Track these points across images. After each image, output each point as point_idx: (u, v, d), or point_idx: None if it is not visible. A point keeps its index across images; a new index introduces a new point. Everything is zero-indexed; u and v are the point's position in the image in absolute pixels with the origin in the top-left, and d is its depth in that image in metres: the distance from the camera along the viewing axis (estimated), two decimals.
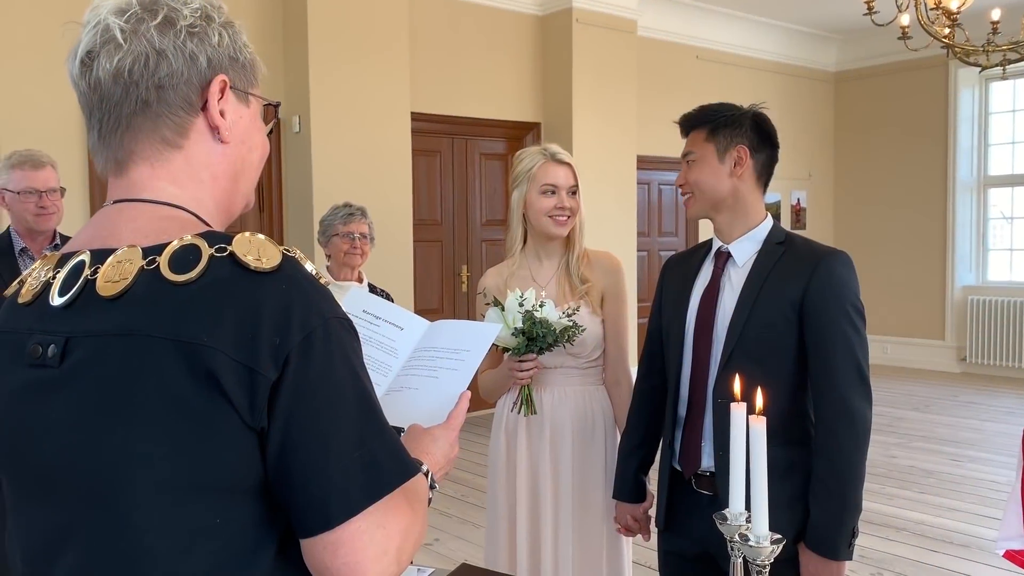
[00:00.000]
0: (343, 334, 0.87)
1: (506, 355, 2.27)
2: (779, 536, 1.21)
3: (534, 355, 2.21)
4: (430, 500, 1.04)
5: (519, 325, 2.16)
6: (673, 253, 8.03)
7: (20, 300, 0.91)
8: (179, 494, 0.81)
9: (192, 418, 0.79)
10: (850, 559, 1.81)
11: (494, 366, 2.38)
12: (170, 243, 0.85)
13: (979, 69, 4.61)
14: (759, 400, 1.24)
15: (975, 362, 8.39)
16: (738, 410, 1.29)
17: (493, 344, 2.26)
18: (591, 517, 2.32)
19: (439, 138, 6.52)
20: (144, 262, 0.84)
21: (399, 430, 2.43)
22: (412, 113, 5.91)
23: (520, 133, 6.95)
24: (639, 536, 2.26)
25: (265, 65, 1.03)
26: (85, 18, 0.91)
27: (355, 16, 5.51)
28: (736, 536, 1.25)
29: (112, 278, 0.84)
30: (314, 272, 0.89)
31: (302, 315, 0.83)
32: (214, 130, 0.94)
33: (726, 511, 1.30)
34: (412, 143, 5.91)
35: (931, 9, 4.32)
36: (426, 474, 1.05)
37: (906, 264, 8.84)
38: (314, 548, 0.84)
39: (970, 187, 8.64)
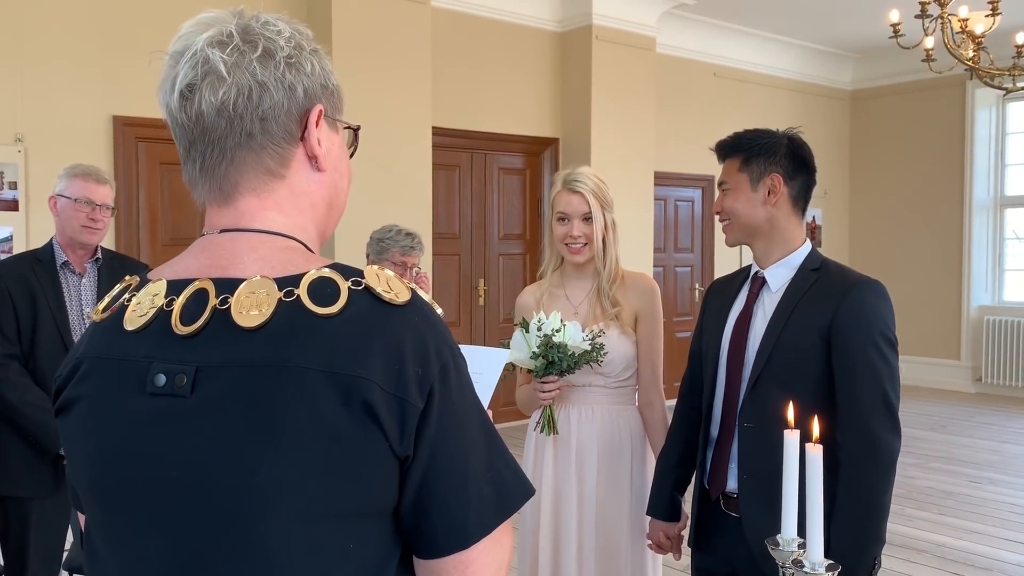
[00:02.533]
0: (462, 362, 0.91)
1: (531, 375, 2.30)
2: (833, 563, 1.21)
3: (555, 377, 2.23)
4: None
5: (536, 348, 2.20)
6: (695, 275, 8.06)
7: (128, 326, 0.90)
8: (320, 521, 0.82)
9: (344, 447, 0.81)
10: None
11: (528, 382, 2.41)
12: (304, 274, 0.86)
13: (1004, 93, 4.61)
14: (815, 428, 1.25)
15: (991, 382, 8.35)
16: (792, 437, 1.30)
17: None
18: (615, 536, 2.32)
19: (459, 152, 6.56)
20: (281, 293, 0.85)
21: None
22: (433, 127, 5.94)
23: (539, 148, 6.98)
24: (670, 555, 2.26)
25: None
26: (175, 48, 0.91)
27: (378, 31, 5.55)
28: (789, 562, 1.25)
29: (249, 308, 0.84)
30: (430, 303, 0.92)
31: (436, 347, 0.86)
32: (312, 159, 0.95)
33: (778, 536, 1.30)
34: (432, 157, 5.95)
35: (956, 33, 4.34)
36: None
37: (922, 283, 8.81)
38: (442, 568, 0.87)
39: (986, 207, 8.62)
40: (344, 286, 0.85)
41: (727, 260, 7.72)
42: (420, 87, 5.81)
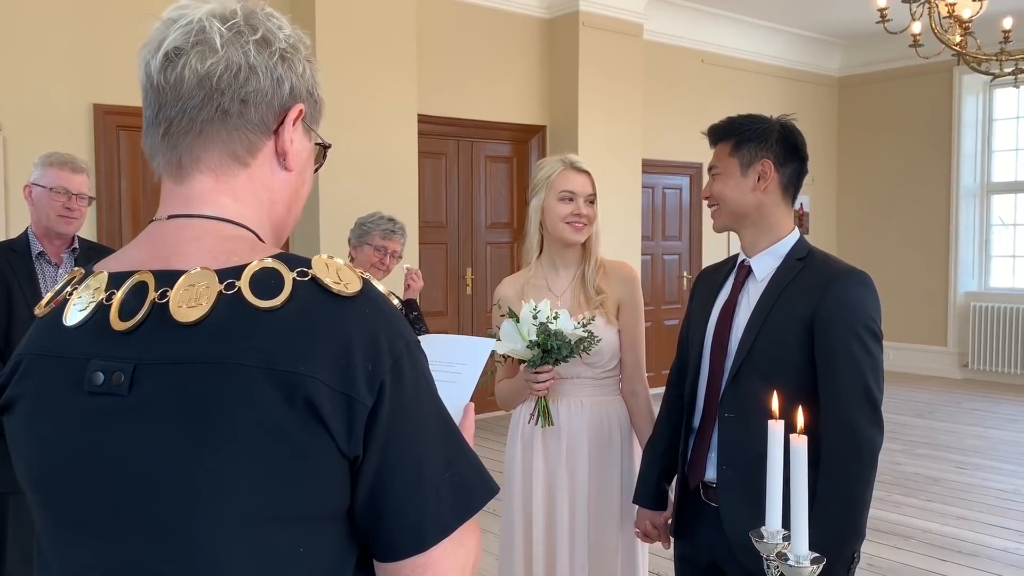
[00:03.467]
0: (420, 356, 0.87)
1: (522, 367, 2.27)
2: (819, 555, 1.20)
3: (550, 367, 2.20)
4: None
5: (533, 337, 2.16)
6: (683, 263, 8.05)
7: (68, 322, 0.86)
8: (265, 524, 0.79)
9: (288, 448, 0.78)
10: None
11: (511, 376, 2.38)
12: (246, 265, 0.82)
13: (991, 78, 4.60)
14: (800, 419, 1.23)
15: (977, 368, 8.39)
16: (776, 427, 1.28)
17: (509, 356, 2.26)
18: (607, 527, 2.31)
19: (445, 140, 6.51)
20: (222, 286, 0.81)
21: None
22: (419, 115, 5.90)
23: (526, 136, 6.94)
24: (658, 544, 2.25)
25: None
26: (170, 15, 0.89)
27: (362, 18, 5.50)
28: (773, 555, 1.24)
29: (187, 302, 0.81)
30: (386, 293, 0.88)
31: (388, 340, 0.83)
32: (281, 155, 0.92)
33: (762, 528, 1.28)
34: (419, 145, 5.90)
35: (944, 17, 4.32)
36: None
37: (909, 270, 8.84)
38: (401, 571, 0.84)
39: (973, 193, 8.64)
40: (289, 277, 0.82)
41: (715, 248, 7.71)
42: (406, 74, 5.76)
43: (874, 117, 9.15)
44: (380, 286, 0.88)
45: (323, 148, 1.01)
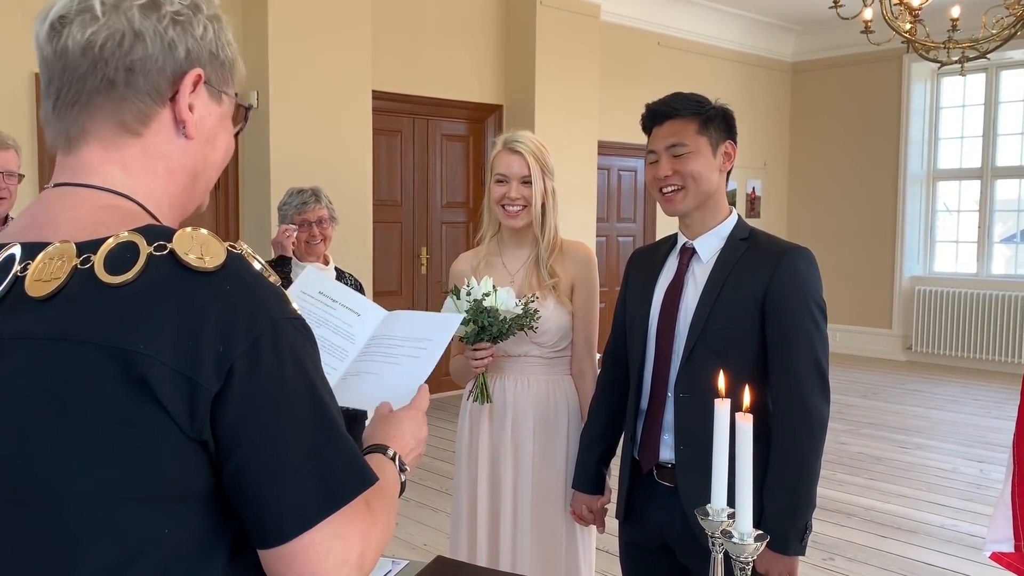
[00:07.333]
0: (294, 335, 0.82)
1: (462, 343, 2.26)
2: (762, 532, 1.21)
3: (487, 344, 2.19)
4: (403, 485, 1.03)
5: (465, 314, 2.14)
6: (638, 245, 8.09)
7: None
8: (120, 504, 0.77)
9: (129, 429, 0.75)
10: (802, 554, 1.83)
11: (463, 351, 2.37)
12: (107, 239, 0.80)
13: (938, 65, 4.69)
14: (746, 397, 1.24)
15: (920, 351, 8.61)
16: (722, 406, 1.29)
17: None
18: (551, 506, 2.31)
19: (400, 118, 6.44)
20: (78, 260, 0.79)
21: (363, 413, 2.37)
22: (373, 91, 5.82)
23: (482, 115, 6.90)
24: (612, 526, 2.26)
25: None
26: None
27: None
28: (718, 532, 1.25)
29: (42, 277, 0.79)
30: (262, 270, 0.84)
31: (248, 319, 0.78)
32: (179, 124, 0.89)
33: (708, 507, 1.30)
34: (373, 122, 5.83)
35: (894, 4, 4.38)
36: (393, 458, 1.03)
37: (857, 254, 9.01)
38: (270, 559, 0.81)
39: (920, 180, 8.83)
40: (145, 251, 0.79)
41: (669, 231, 7.75)
42: (360, 48, 5.67)
43: (826, 103, 9.28)
44: (257, 263, 0.84)
45: (244, 109, 0.98)
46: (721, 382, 1.31)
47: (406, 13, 6.27)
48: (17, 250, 0.82)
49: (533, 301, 2.21)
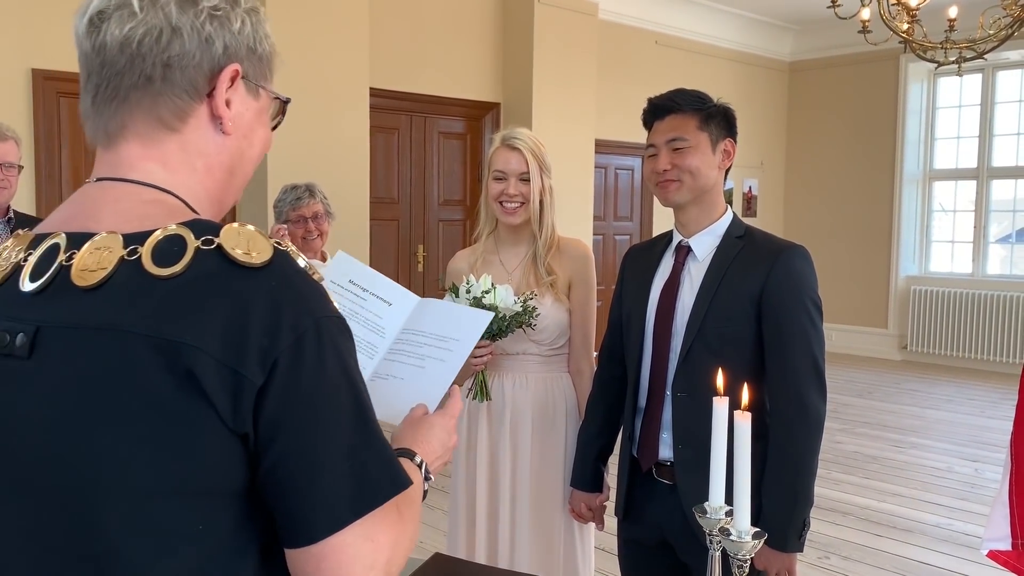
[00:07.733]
0: (336, 334, 0.82)
1: None
2: (760, 530, 1.22)
3: (487, 341, 2.19)
4: (425, 493, 1.01)
5: None
6: (634, 243, 8.09)
7: None
8: (158, 498, 0.76)
9: (172, 421, 0.75)
10: (800, 551, 1.83)
11: None
12: (154, 232, 0.80)
13: (935, 66, 4.70)
14: (744, 396, 1.25)
15: (916, 350, 8.62)
16: (720, 404, 1.30)
17: None
18: (549, 503, 2.31)
19: (397, 115, 6.43)
20: (125, 252, 0.79)
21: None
22: (371, 89, 5.81)
23: (480, 113, 6.90)
24: (611, 524, 2.27)
25: None
26: None
27: None
28: (716, 530, 1.26)
29: (89, 267, 0.79)
30: (306, 267, 0.84)
31: (293, 315, 0.78)
32: (216, 120, 0.89)
33: (706, 504, 1.30)
34: (371, 119, 5.82)
35: (892, 4, 4.39)
36: (420, 465, 1.02)
37: (853, 254, 9.02)
38: (298, 559, 0.80)
39: (916, 179, 8.84)
40: (192, 245, 0.79)
41: (666, 229, 7.76)
42: (358, 46, 5.66)
43: (823, 102, 9.29)
44: (302, 260, 0.84)
45: (281, 103, 0.98)
46: (719, 381, 1.32)
47: (404, 11, 6.26)
48: (62, 239, 0.82)
49: (532, 298, 2.21)
